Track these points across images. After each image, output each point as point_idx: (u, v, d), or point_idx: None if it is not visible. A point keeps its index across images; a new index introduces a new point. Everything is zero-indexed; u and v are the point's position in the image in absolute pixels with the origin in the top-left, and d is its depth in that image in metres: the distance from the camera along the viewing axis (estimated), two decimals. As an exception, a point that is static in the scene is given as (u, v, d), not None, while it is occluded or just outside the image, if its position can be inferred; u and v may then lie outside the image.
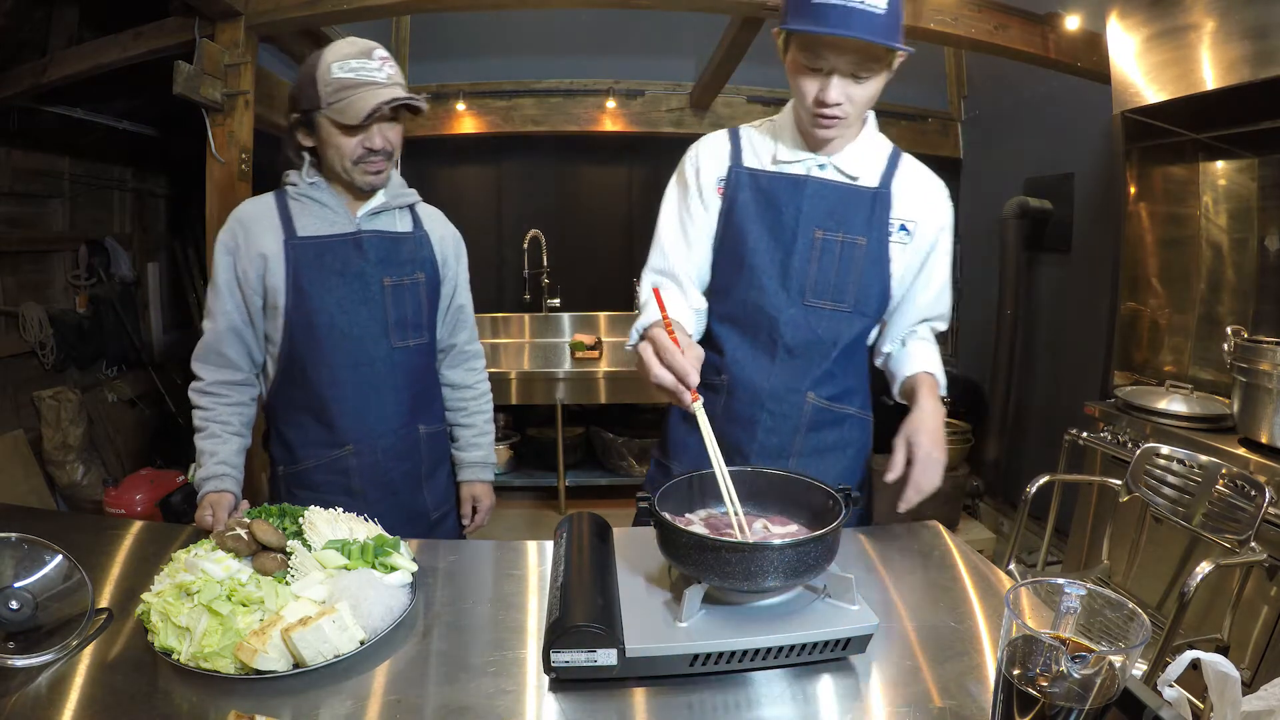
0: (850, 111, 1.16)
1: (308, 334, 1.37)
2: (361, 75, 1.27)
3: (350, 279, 1.38)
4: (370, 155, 1.33)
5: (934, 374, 1.30)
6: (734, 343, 1.32)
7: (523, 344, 3.99)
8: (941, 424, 1.19)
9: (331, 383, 1.39)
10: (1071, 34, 2.76)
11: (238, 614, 0.88)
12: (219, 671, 0.82)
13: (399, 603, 0.97)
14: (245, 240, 1.35)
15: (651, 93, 3.81)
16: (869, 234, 1.26)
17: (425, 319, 1.49)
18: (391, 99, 1.28)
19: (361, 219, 1.41)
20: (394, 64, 1.33)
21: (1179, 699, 0.70)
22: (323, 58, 1.29)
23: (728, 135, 1.34)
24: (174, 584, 0.92)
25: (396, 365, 1.44)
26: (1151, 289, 2.61)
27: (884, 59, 1.13)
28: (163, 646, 0.85)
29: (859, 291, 1.27)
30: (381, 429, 1.44)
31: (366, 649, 0.88)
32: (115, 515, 2.87)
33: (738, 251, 1.29)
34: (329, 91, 1.27)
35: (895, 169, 1.28)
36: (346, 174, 1.35)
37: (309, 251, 1.36)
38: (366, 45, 1.31)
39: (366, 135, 1.31)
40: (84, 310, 3.54)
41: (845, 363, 1.33)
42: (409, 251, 1.46)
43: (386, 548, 1.04)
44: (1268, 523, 1.61)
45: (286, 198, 1.39)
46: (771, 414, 1.31)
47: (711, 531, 0.95)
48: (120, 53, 2.60)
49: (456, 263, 1.57)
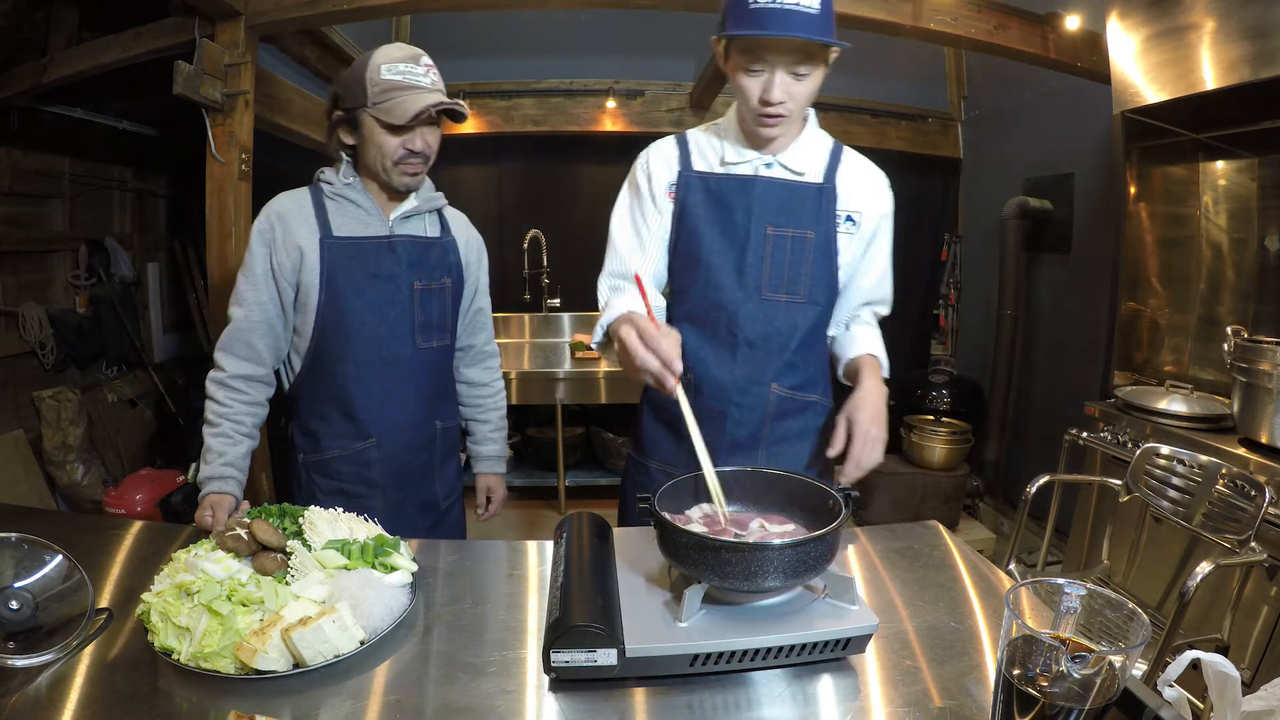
0: (793, 109, 1.22)
1: (337, 331, 1.40)
2: (409, 79, 1.32)
3: (383, 281, 1.42)
4: (410, 156, 1.37)
5: (876, 355, 1.36)
6: (695, 341, 1.36)
7: (523, 344, 3.99)
8: (882, 402, 1.24)
9: (358, 379, 1.42)
10: (1071, 34, 2.76)
11: (238, 614, 0.88)
12: (219, 671, 0.82)
13: (399, 603, 0.98)
14: (283, 233, 1.37)
15: (651, 93, 3.81)
16: (817, 227, 1.31)
17: (450, 322, 1.55)
18: (437, 103, 1.32)
19: (394, 222, 1.44)
20: (437, 71, 1.38)
21: (1179, 699, 0.70)
22: (372, 59, 1.33)
23: (675, 141, 1.40)
24: (174, 584, 0.92)
25: (420, 365, 1.49)
26: (1151, 289, 2.61)
27: (820, 55, 1.18)
28: (163, 646, 0.85)
29: (810, 283, 1.33)
30: (403, 424, 1.49)
31: (366, 649, 0.88)
32: (115, 515, 2.87)
33: (693, 252, 1.34)
34: (377, 91, 1.31)
35: (838, 163, 1.34)
36: (385, 174, 1.38)
37: (344, 251, 1.39)
38: (414, 51, 1.35)
39: (409, 136, 1.35)
40: (84, 310, 3.54)
41: (805, 353, 1.37)
42: (437, 257, 1.50)
43: (386, 548, 1.04)
44: (1268, 523, 1.61)
45: (322, 195, 1.42)
46: (739, 406, 1.35)
47: (711, 531, 0.95)
48: (120, 53, 2.60)
49: (479, 267, 1.62)
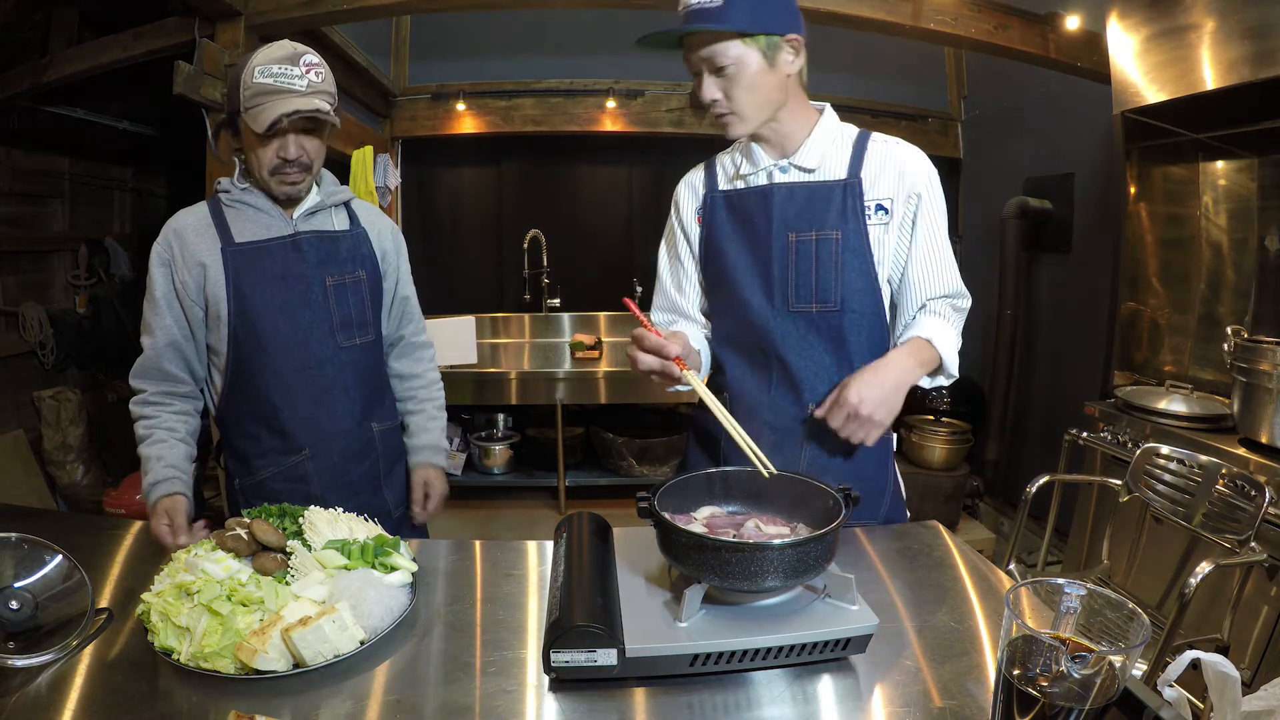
0: (737, 107, 1.17)
1: (253, 341, 1.34)
2: (280, 82, 1.23)
3: (292, 282, 1.36)
4: (285, 165, 1.30)
5: (928, 338, 1.21)
6: (732, 361, 1.33)
7: (523, 344, 3.99)
8: (888, 378, 1.14)
9: (280, 388, 1.36)
10: (1071, 34, 2.76)
11: (238, 614, 0.88)
12: (219, 671, 0.82)
13: (399, 603, 0.97)
14: (182, 251, 1.32)
15: (651, 93, 3.81)
16: (844, 226, 1.22)
17: (370, 316, 1.47)
18: (294, 110, 1.22)
19: (298, 220, 1.38)
20: (323, 71, 1.28)
21: (1179, 699, 0.70)
22: (250, 59, 1.24)
23: (704, 166, 1.37)
24: (174, 584, 0.92)
25: (345, 365, 1.42)
26: (1151, 289, 2.61)
27: (736, 47, 1.13)
28: (162, 646, 0.85)
29: (843, 287, 1.23)
30: (335, 430, 1.42)
31: (367, 649, 0.88)
32: (115, 515, 2.87)
33: (722, 271, 1.31)
34: (248, 95, 1.23)
35: (864, 153, 1.24)
36: (264, 182, 1.33)
37: (248, 257, 1.33)
38: (295, 50, 1.26)
39: (281, 144, 1.27)
40: (84, 310, 3.54)
41: (848, 370, 1.23)
42: (348, 249, 1.43)
43: (386, 547, 1.04)
44: (1268, 523, 1.61)
45: (221, 205, 1.36)
46: (774, 430, 1.27)
47: (711, 531, 0.95)
48: (120, 53, 2.60)
49: (397, 255, 1.54)
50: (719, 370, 1.37)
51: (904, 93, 3.92)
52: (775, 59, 1.15)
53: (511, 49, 3.79)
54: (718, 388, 1.34)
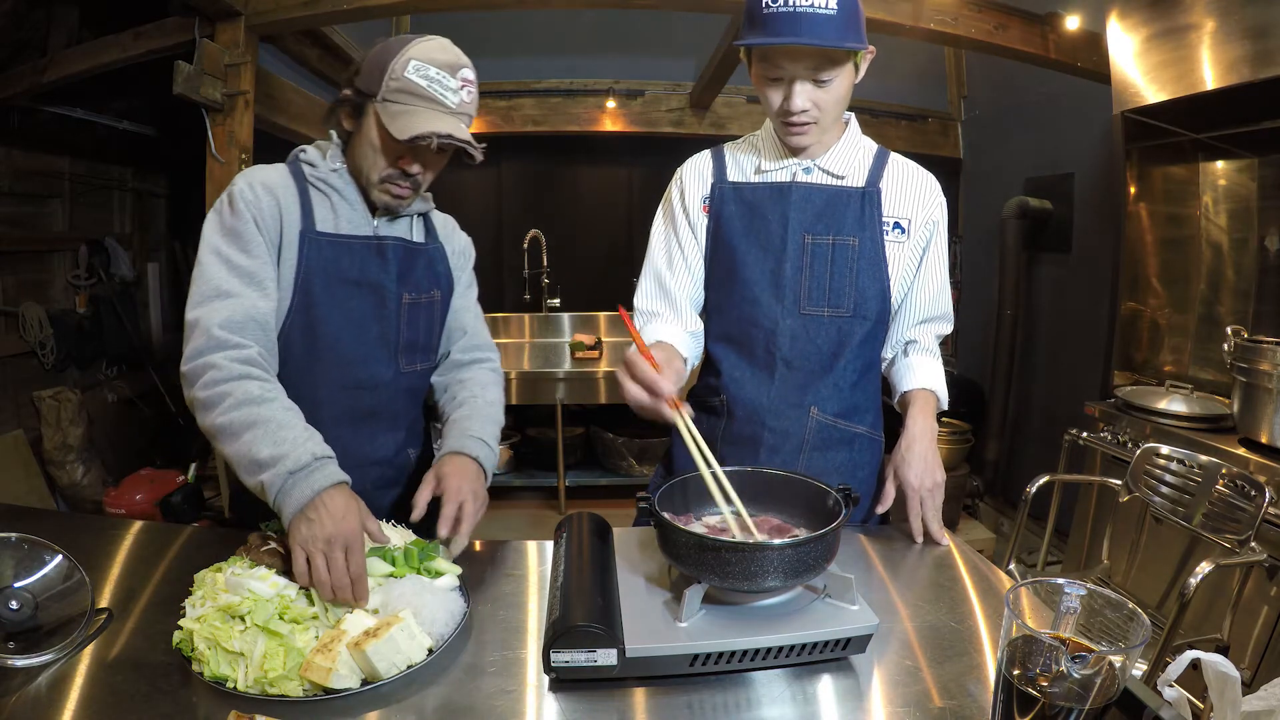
0: (820, 116, 1.16)
1: (307, 345, 1.16)
2: (434, 89, 1.09)
3: (366, 291, 1.19)
4: (401, 178, 1.16)
5: (934, 390, 1.28)
6: (730, 361, 1.29)
7: (523, 344, 3.99)
8: (930, 445, 1.22)
9: (324, 405, 1.16)
10: (1071, 34, 2.76)
11: (296, 633, 0.83)
12: (287, 696, 0.77)
13: (458, 606, 0.94)
14: (271, 210, 1.12)
15: (651, 93, 3.82)
16: (860, 233, 1.23)
17: (436, 340, 1.34)
18: (445, 133, 1.08)
19: (380, 222, 1.22)
20: (474, 91, 1.15)
21: (1179, 699, 0.70)
22: (407, 48, 1.10)
23: (711, 154, 1.33)
24: (216, 607, 0.84)
25: (400, 391, 1.28)
26: (1151, 289, 2.61)
27: (843, 60, 1.11)
28: (215, 676, 0.79)
29: (857, 294, 1.23)
30: (372, 459, 1.25)
31: (435, 657, 0.85)
32: (115, 515, 2.87)
33: (729, 267, 1.27)
34: (393, 87, 1.09)
35: (883, 168, 1.26)
36: (366, 183, 1.17)
37: (327, 251, 1.15)
38: (457, 60, 1.13)
39: (407, 155, 1.14)
40: (84, 310, 3.54)
41: (852, 376, 1.28)
42: (424, 266, 1.28)
43: (429, 552, 1.00)
44: (1268, 523, 1.61)
45: (306, 179, 1.17)
46: (773, 431, 1.26)
47: (711, 532, 0.95)
48: (120, 53, 2.60)
49: (464, 272, 1.40)
50: (714, 369, 1.32)
51: (904, 92, 3.92)
52: (859, 72, 1.17)
53: (511, 49, 3.79)
54: (713, 388, 1.32)
